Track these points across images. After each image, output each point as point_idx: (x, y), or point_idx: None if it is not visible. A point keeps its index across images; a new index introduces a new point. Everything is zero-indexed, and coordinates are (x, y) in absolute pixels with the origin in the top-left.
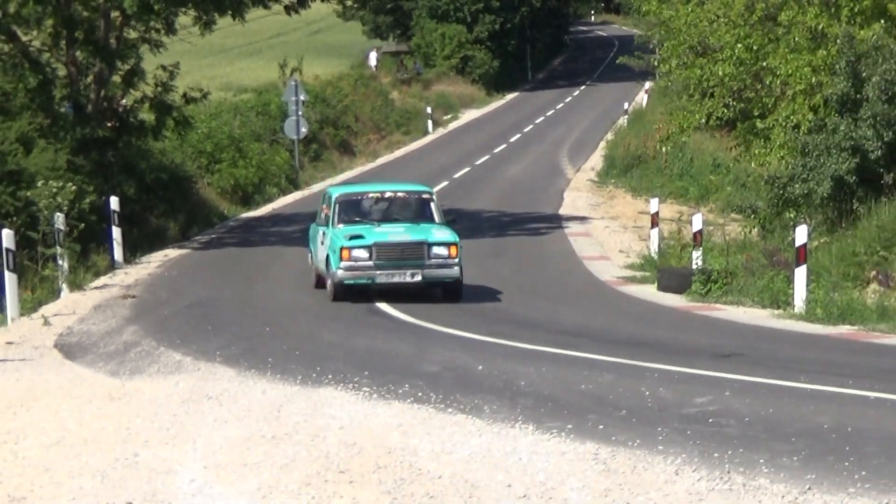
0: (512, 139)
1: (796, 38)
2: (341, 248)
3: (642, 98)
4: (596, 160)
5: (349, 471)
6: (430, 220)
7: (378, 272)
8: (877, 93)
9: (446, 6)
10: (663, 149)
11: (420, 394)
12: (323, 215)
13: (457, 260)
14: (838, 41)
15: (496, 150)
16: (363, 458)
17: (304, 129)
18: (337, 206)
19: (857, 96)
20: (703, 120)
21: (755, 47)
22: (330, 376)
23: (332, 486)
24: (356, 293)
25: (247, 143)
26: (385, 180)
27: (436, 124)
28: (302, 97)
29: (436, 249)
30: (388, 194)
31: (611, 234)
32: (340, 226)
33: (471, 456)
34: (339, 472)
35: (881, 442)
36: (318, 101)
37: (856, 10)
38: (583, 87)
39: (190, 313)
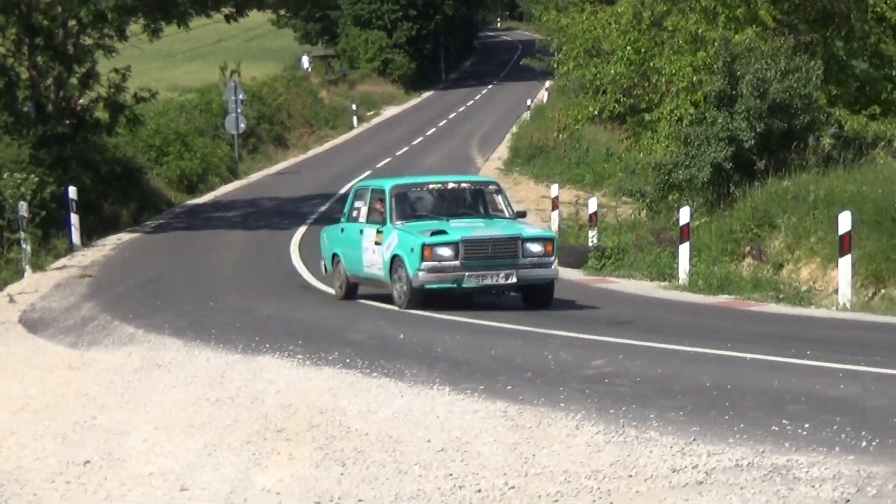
0: (428, 132)
1: (679, 42)
2: (423, 246)
3: (543, 95)
4: (502, 150)
5: (286, 429)
6: (502, 214)
7: (466, 273)
8: (749, 89)
9: (369, 14)
10: (561, 137)
11: (348, 360)
12: (362, 211)
13: (553, 258)
14: (716, 44)
15: (414, 143)
16: (298, 418)
17: (242, 125)
18: (393, 200)
19: (733, 93)
20: (596, 112)
21: (643, 50)
22: (268, 345)
23: (271, 443)
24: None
25: (191, 137)
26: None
27: (360, 120)
28: (241, 96)
29: (530, 246)
30: (450, 185)
31: None
32: (400, 222)
33: (394, 415)
34: (276, 431)
35: (757, 397)
36: (255, 99)
37: (731, 17)
38: (490, 86)
39: (141, 291)
